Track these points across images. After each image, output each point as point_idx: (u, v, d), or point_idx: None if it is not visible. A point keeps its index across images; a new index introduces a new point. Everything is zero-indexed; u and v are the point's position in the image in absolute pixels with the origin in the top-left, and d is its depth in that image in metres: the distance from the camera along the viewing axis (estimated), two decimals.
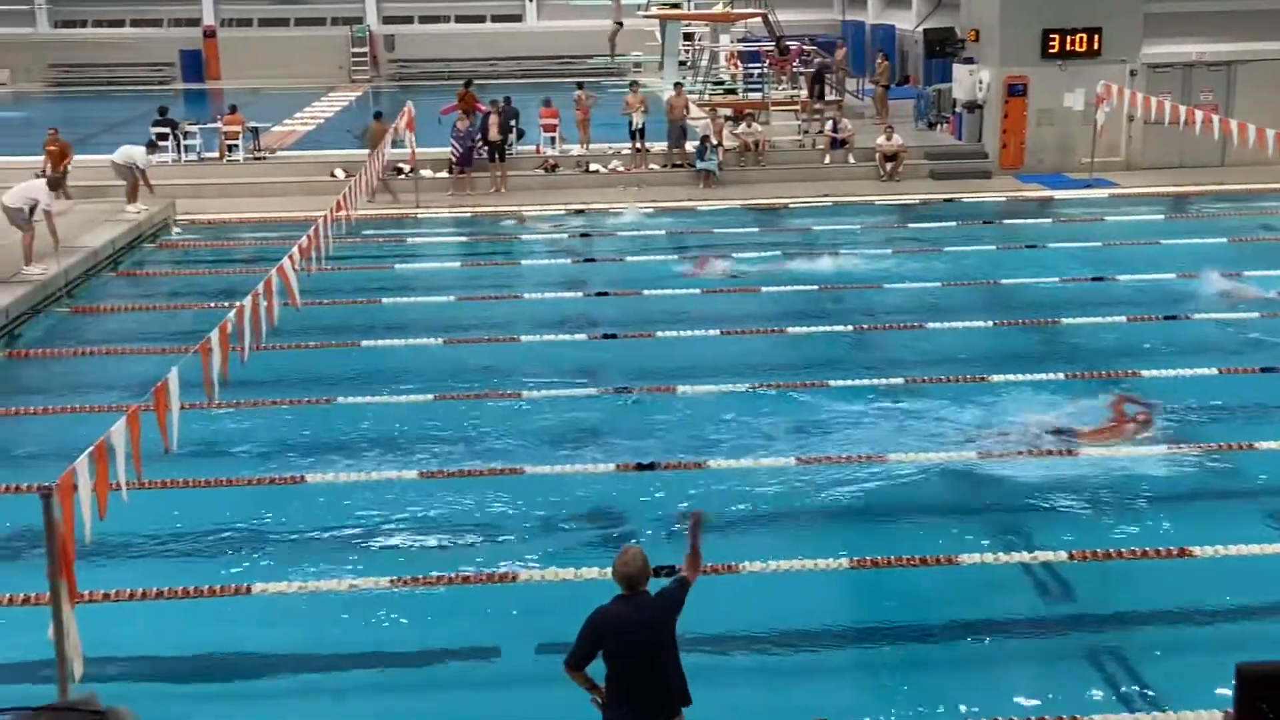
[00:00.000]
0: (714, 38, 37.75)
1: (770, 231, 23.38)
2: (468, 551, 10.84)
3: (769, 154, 27.77)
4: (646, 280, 19.49)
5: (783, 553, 10.48)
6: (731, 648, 9.26)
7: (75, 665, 7.25)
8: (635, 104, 27.31)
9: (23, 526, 10.57)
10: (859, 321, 17.21)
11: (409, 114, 24.79)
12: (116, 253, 21.31)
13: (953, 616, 9.78)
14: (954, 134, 29.24)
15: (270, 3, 47.90)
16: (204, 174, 26.53)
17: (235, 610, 9.74)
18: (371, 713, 8.81)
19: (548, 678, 8.44)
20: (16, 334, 17.01)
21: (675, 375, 14.85)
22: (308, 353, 15.64)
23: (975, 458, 12.35)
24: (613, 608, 6.75)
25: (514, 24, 48.76)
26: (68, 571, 7.14)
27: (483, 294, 18.86)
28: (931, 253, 21.48)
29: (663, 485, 11.93)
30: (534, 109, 28.52)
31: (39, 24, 47.77)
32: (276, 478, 11.87)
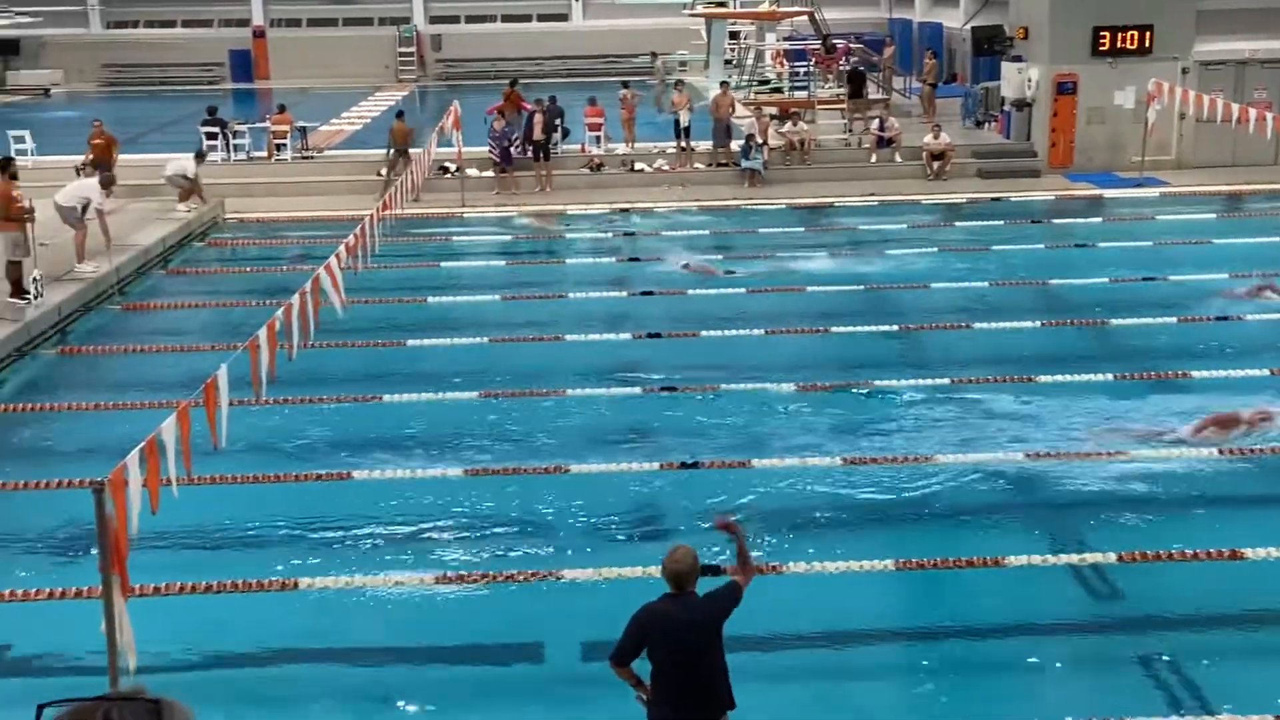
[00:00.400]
0: (760, 36, 37.65)
1: (815, 231, 23.29)
2: (512, 549, 10.87)
3: (814, 153, 27.67)
4: (692, 280, 19.47)
5: (828, 554, 10.45)
6: (775, 649, 9.22)
7: (129, 657, 7.33)
8: (681, 103, 27.29)
9: (76, 521, 10.68)
10: (905, 321, 17.11)
11: (455, 113, 24.90)
12: (167, 251, 21.54)
13: (1000, 618, 9.70)
14: (1002, 133, 29.02)
15: (319, 3, 48.25)
16: (252, 173, 26.76)
17: (283, 605, 9.81)
18: (415, 709, 8.84)
19: (591, 676, 8.47)
20: (69, 331, 17.23)
21: (720, 374, 14.82)
22: (354, 351, 15.74)
23: (1022, 458, 12.25)
24: (659, 605, 6.74)
25: (560, 23, 48.87)
26: (120, 565, 7.22)
27: (527, 293, 18.91)
28: (979, 252, 21.33)
29: (707, 484, 11.91)
30: (579, 108, 28.56)
31: (92, 25, 48.38)
32: (324, 474, 11.95)
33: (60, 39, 47.07)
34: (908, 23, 42.94)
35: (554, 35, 48.22)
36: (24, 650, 9.44)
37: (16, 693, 8.76)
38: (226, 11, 48.33)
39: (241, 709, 8.50)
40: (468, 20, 48.84)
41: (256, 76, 47.27)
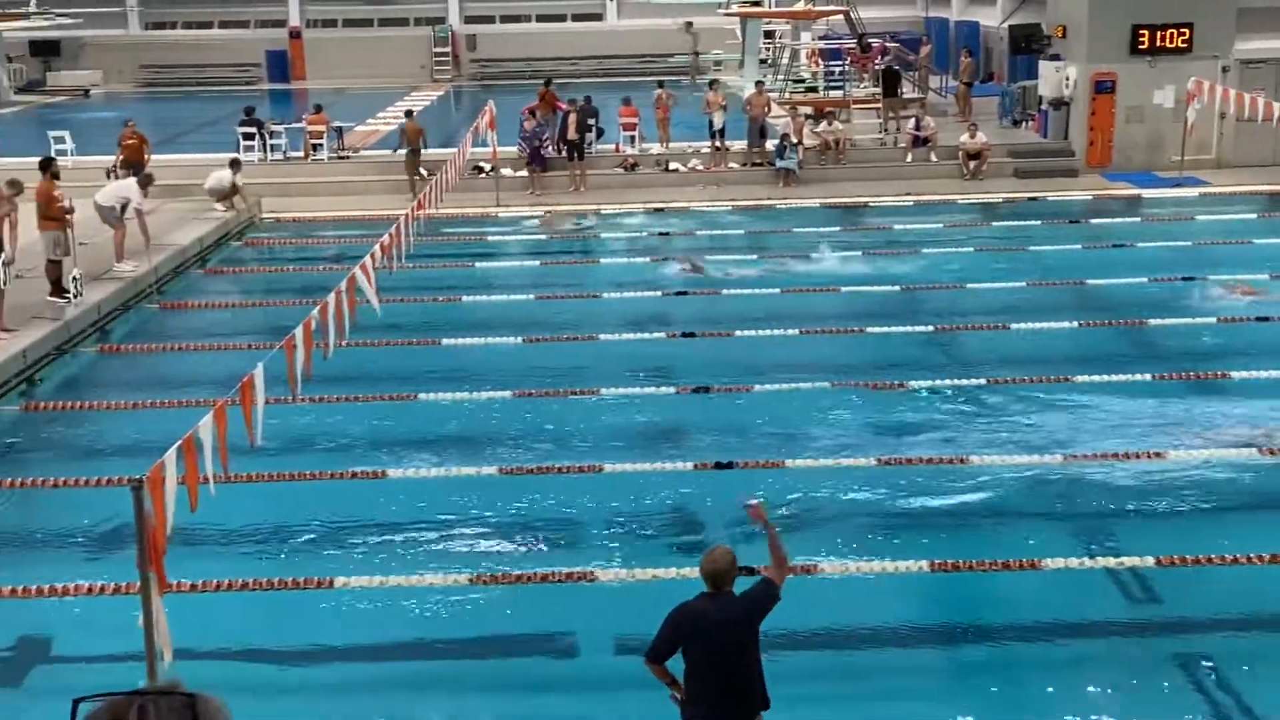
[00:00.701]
0: (795, 35, 37.56)
1: (850, 231, 23.21)
2: (546, 549, 10.88)
3: (849, 152, 27.57)
4: (725, 280, 19.44)
5: (862, 554, 10.41)
6: (809, 649, 9.19)
7: (165, 653, 7.38)
8: (716, 103, 27.26)
9: (115, 518, 10.77)
10: (941, 321, 17.02)
11: (490, 113, 24.95)
12: (204, 250, 21.69)
13: (1035, 622, 9.63)
14: (1039, 132, 28.82)
15: (355, 3, 48.48)
16: (289, 173, 26.90)
17: (317, 603, 9.86)
18: (449, 708, 8.87)
19: (625, 676, 8.46)
20: (108, 330, 17.37)
21: (754, 374, 14.79)
22: (390, 350, 15.80)
23: (1060, 460, 12.17)
24: (695, 604, 6.74)
25: (594, 23, 48.90)
26: (157, 562, 7.27)
27: (561, 293, 18.93)
28: (1015, 252, 21.20)
29: (741, 484, 11.87)
30: (614, 108, 28.57)
31: (131, 26, 48.78)
32: (359, 473, 12.00)
33: (99, 40, 47.48)
34: (944, 21, 42.73)
35: (589, 35, 48.25)
36: (62, 645, 9.53)
37: (54, 686, 8.85)
38: (263, 12, 48.63)
39: (275, 705, 8.54)
40: (503, 20, 48.94)
41: (293, 77, 47.53)
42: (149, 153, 24.62)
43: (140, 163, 23.90)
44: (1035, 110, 29.25)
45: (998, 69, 37.28)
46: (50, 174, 17.23)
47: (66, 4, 43.83)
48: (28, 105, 41.69)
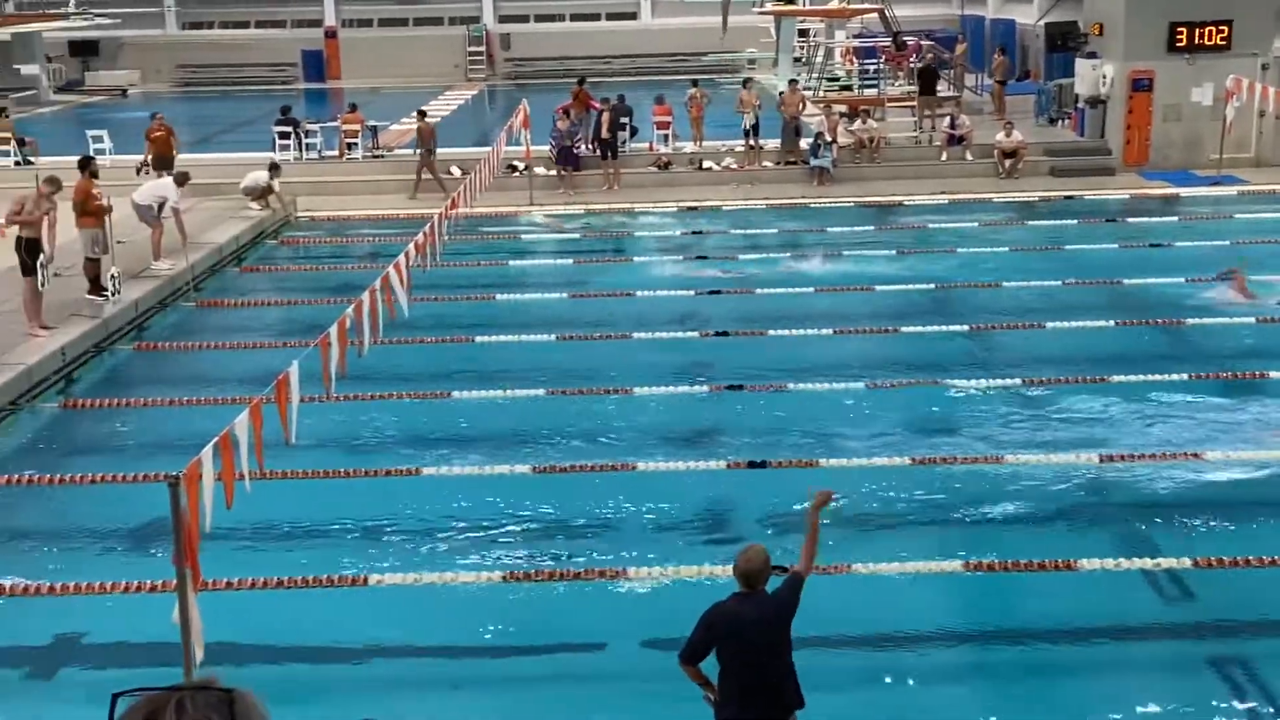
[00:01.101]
0: (829, 33, 37.44)
1: (885, 230, 23.12)
2: (579, 547, 10.88)
3: (884, 151, 27.45)
4: (759, 278, 19.40)
5: (896, 554, 10.36)
6: (842, 649, 9.16)
7: (197, 650, 7.42)
8: (750, 101, 27.21)
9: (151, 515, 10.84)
10: (976, 321, 16.93)
11: (524, 112, 24.99)
12: (240, 248, 21.84)
13: (1071, 623, 9.56)
14: (1076, 130, 28.62)
15: (390, 3, 48.68)
16: (324, 172, 27.03)
17: (351, 601, 9.90)
18: (482, 705, 8.88)
19: (657, 675, 8.46)
20: (145, 327, 17.51)
21: (787, 373, 14.76)
22: (424, 348, 15.84)
23: (1096, 460, 12.08)
24: (729, 605, 6.72)
25: (629, 22, 48.92)
26: (192, 559, 7.32)
27: (595, 291, 18.94)
28: (1051, 251, 21.06)
29: (774, 484, 11.86)
30: (647, 107, 28.56)
31: (168, 26, 49.17)
32: (393, 470, 12.04)
33: (137, 40, 47.88)
34: (980, 19, 42.50)
35: (623, 34, 48.28)
36: (98, 641, 9.61)
37: (90, 682, 8.92)
38: (299, 12, 48.90)
39: (309, 703, 8.58)
40: (537, 19, 49.04)
41: (328, 76, 47.78)
42: (177, 147, 24.74)
43: (169, 156, 24.04)
44: (1071, 108, 29.06)
45: (1034, 67, 37.03)
46: (89, 173, 17.38)
47: (105, 4, 44.22)
48: (67, 105, 42.08)
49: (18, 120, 31.17)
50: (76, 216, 17.05)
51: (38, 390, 14.54)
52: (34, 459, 12.95)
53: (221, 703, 2.02)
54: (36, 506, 12.02)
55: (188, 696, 2.01)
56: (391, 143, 30.20)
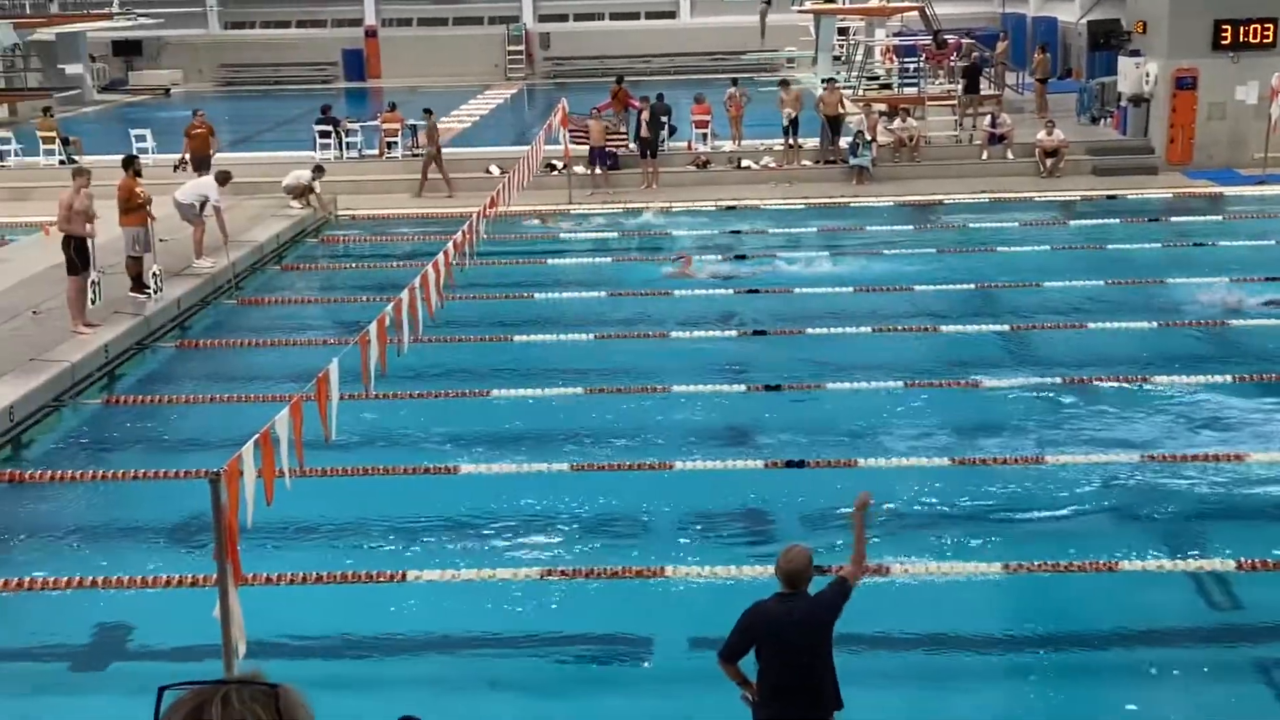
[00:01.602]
0: (869, 32, 37.29)
1: (925, 229, 23.00)
2: (617, 546, 10.88)
3: (924, 150, 27.31)
4: (797, 277, 19.34)
5: (935, 555, 10.31)
6: (881, 650, 9.12)
7: (239, 644, 7.48)
8: (790, 100, 27.14)
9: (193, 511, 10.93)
10: (1016, 320, 16.81)
11: (563, 111, 25.03)
12: (281, 247, 21.98)
13: (1112, 625, 9.48)
14: (1118, 129, 28.38)
15: (429, 2, 48.87)
16: (364, 170, 27.16)
17: (389, 597, 9.95)
18: (520, 703, 8.90)
19: (695, 674, 8.45)
20: (187, 325, 17.66)
21: (826, 373, 14.71)
22: (462, 346, 15.90)
23: (1138, 460, 11.97)
24: (770, 604, 6.70)
25: (668, 20, 48.88)
26: (233, 554, 7.37)
27: (632, 290, 18.93)
28: (1093, 250, 20.89)
29: (812, 483, 11.82)
30: (687, 105, 28.53)
31: (211, 26, 49.54)
32: (432, 468, 12.09)
33: (180, 40, 48.27)
34: (1021, 17, 42.22)
35: (662, 33, 48.24)
36: (140, 635, 9.70)
37: (132, 675, 9.01)
38: (340, 12, 49.17)
39: (347, 698, 8.62)
40: (576, 18, 49.08)
41: (368, 75, 48.00)
42: (215, 146, 24.84)
43: (207, 155, 24.18)
44: (1114, 107, 28.81)
45: (1076, 65, 36.76)
46: (133, 171, 17.55)
47: (148, 4, 44.61)
48: (110, 104, 42.48)
49: (62, 119, 31.49)
50: (119, 214, 17.21)
51: (81, 387, 14.69)
52: (77, 455, 13.09)
53: (267, 697, 2.03)
54: (80, 502, 12.15)
55: (233, 690, 2.03)
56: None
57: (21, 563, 10.68)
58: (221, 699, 2.01)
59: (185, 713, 2.01)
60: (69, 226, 15.74)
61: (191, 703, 2.02)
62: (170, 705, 2.03)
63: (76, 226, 15.75)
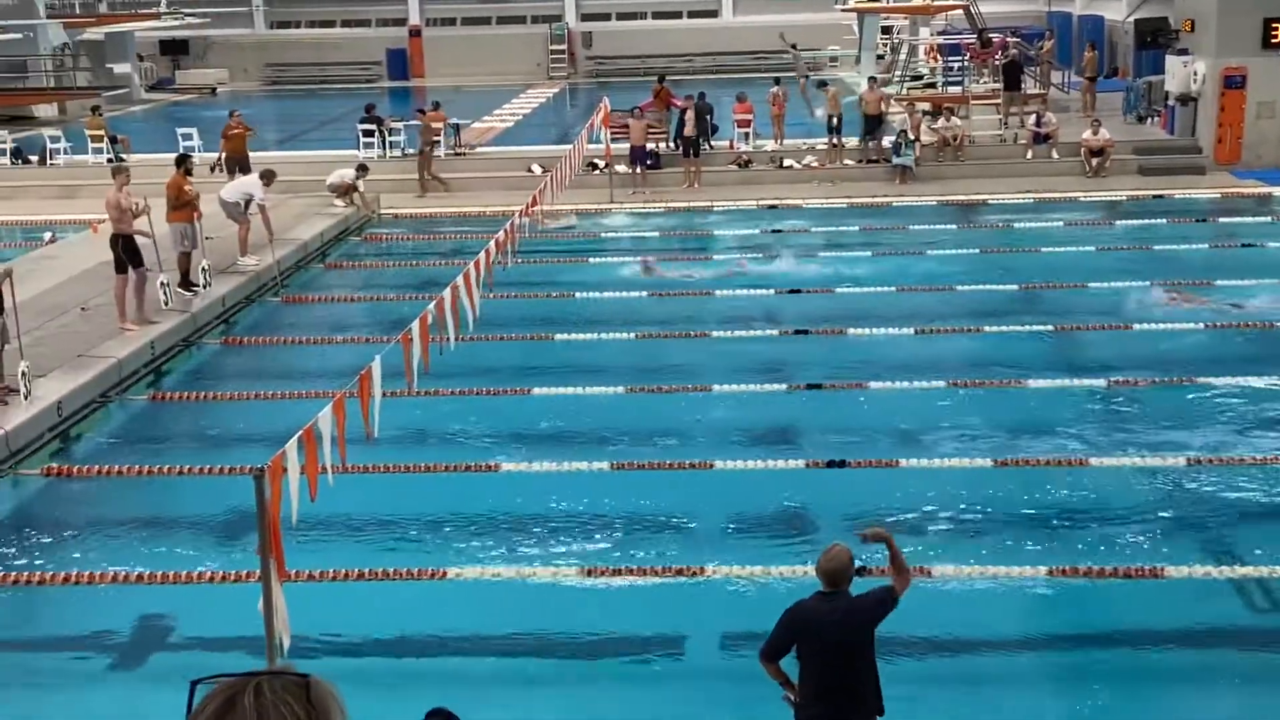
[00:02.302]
0: (913, 30, 37.11)
1: (968, 229, 22.86)
2: (657, 544, 10.88)
3: (968, 149, 27.14)
4: (839, 277, 19.26)
5: (977, 558, 10.24)
6: (922, 654, 9.06)
7: (283, 638, 7.53)
8: (828, 101, 27.04)
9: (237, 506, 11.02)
10: (1061, 321, 16.67)
11: (604, 110, 25.05)
12: (325, 245, 22.12)
13: (1157, 631, 9.38)
14: (1165, 128, 28.09)
15: (473, 2, 49.04)
16: (407, 169, 27.29)
17: (430, 594, 9.99)
18: (557, 701, 8.92)
19: (735, 673, 8.44)
20: (232, 322, 17.80)
21: (868, 372, 14.64)
22: (503, 344, 15.94)
23: (1184, 464, 11.84)
24: (811, 603, 6.69)
25: (710, 19, 48.83)
26: (276, 550, 7.42)
27: (673, 290, 18.92)
28: (1139, 251, 20.69)
29: (854, 484, 11.78)
30: (729, 105, 28.49)
31: (256, 25, 49.95)
32: (472, 465, 12.13)
33: (226, 39, 48.71)
34: (1067, 16, 41.87)
35: (704, 32, 48.21)
36: (184, 629, 9.78)
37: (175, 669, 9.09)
38: (384, 11, 49.44)
39: (386, 694, 8.67)
40: (618, 18, 49.13)
41: (412, 74, 48.25)
42: (249, 144, 24.84)
43: (244, 156, 24.32)
44: (1161, 106, 28.53)
45: (1122, 64, 36.43)
46: (184, 169, 17.74)
47: (195, 4, 45.03)
48: (157, 103, 42.91)
49: (110, 118, 31.83)
50: (168, 211, 17.38)
51: (128, 383, 14.84)
52: (123, 451, 13.22)
53: (298, 688, 2.05)
54: (126, 497, 12.28)
55: (265, 681, 2.04)
56: (474, 140, 30.43)
57: (68, 556, 10.81)
58: (254, 689, 2.03)
59: (218, 704, 2.02)
60: (121, 225, 15.91)
61: (224, 694, 2.03)
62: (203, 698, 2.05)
63: (127, 225, 15.93)
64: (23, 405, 13.06)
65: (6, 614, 10.27)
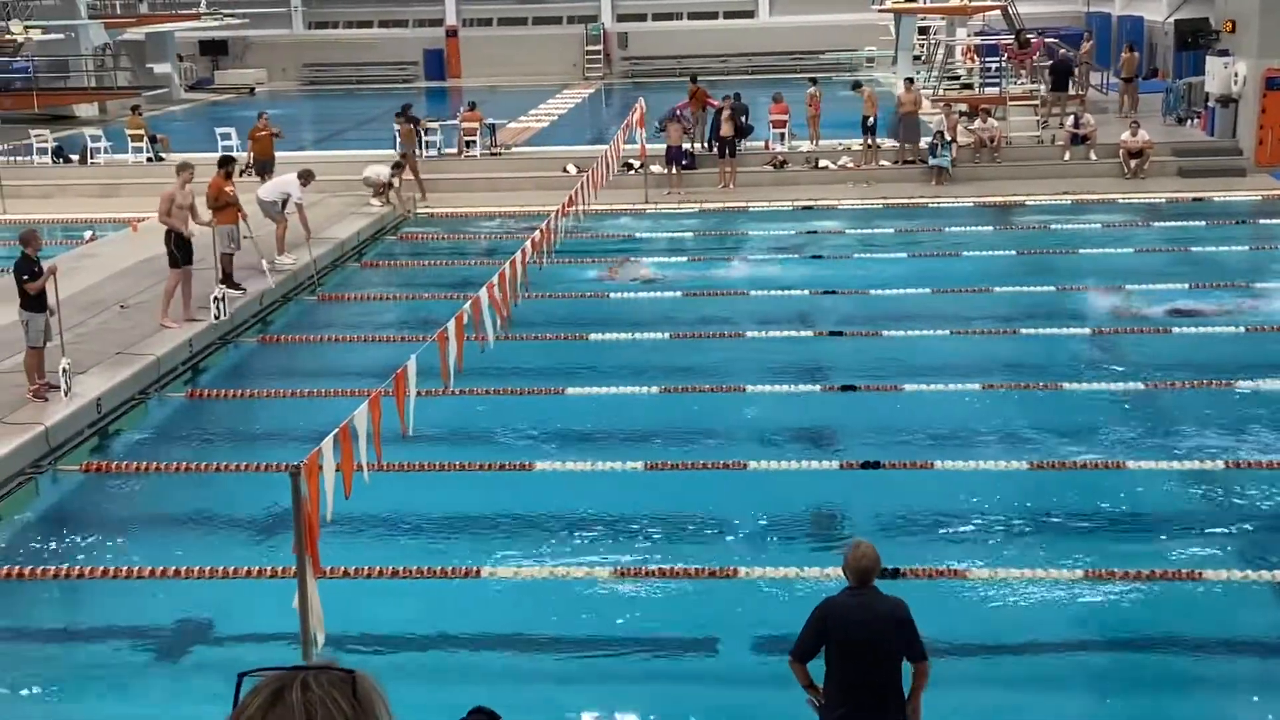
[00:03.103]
0: (950, 31, 36.93)
1: (1004, 230, 22.73)
2: (690, 545, 10.87)
3: (1005, 150, 26.98)
4: (874, 278, 19.19)
5: (1013, 560, 10.19)
6: (958, 655, 9.02)
7: (318, 635, 7.58)
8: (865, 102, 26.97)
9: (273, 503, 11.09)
10: (1098, 323, 16.55)
11: (640, 110, 25.06)
12: (361, 244, 22.24)
13: (1196, 635, 9.30)
14: (1205, 130, 27.84)
15: (509, 2, 49.18)
16: (443, 169, 27.39)
17: (463, 592, 10.02)
18: (590, 699, 8.93)
19: (766, 675, 8.43)
20: (269, 320, 17.92)
21: (903, 374, 14.59)
22: (538, 344, 15.97)
23: (1223, 467, 11.74)
24: (840, 599, 6.68)
25: (746, 20, 48.76)
26: (312, 546, 7.47)
27: (709, 290, 18.90)
28: (1178, 253, 20.52)
29: (888, 485, 11.74)
30: (764, 105, 28.43)
31: (295, 26, 50.25)
32: (506, 464, 12.16)
33: (265, 39, 49.02)
34: (1106, 16, 41.56)
35: (740, 32, 48.13)
36: (221, 625, 9.85)
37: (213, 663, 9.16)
38: (421, 12, 49.64)
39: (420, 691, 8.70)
40: (654, 18, 49.12)
41: (448, 75, 48.43)
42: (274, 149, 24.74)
43: (271, 159, 24.40)
44: (1201, 108, 28.27)
45: (1162, 65, 36.11)
46: (224, 171, 17.90)
47: (234, 5, 45.36)
48: (197, 103, 43.24)
49: (150, 117, 32.09)
50: (212, 213, 17.51)
51: (166, 380, 14.96)
52: (161, 448, 13.33)
53: (344, 683, 2.06)
54: (163, 493, 12.38)
55: (311, 676, 2.05)
56: (510, 140, 30.52)
57: (106, 551, 10.92)
58: (301, 683, 2.04)
59: (265, 697, 2.04)
60: (169, 220, 16.06)
61: (270, 687, 2.05)
62: (250, 689, 2.07)
63: (178, 221, 16.07)
64: (63, 401, 13.19)
65: (46, 607, 10.38)
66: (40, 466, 12.36)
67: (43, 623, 10.16)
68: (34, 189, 26.60)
